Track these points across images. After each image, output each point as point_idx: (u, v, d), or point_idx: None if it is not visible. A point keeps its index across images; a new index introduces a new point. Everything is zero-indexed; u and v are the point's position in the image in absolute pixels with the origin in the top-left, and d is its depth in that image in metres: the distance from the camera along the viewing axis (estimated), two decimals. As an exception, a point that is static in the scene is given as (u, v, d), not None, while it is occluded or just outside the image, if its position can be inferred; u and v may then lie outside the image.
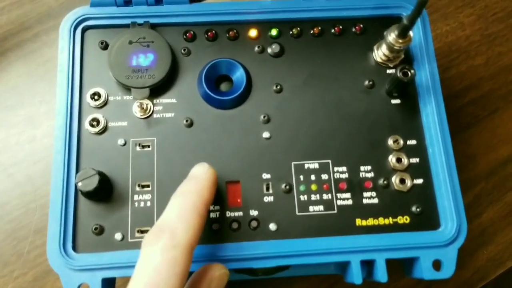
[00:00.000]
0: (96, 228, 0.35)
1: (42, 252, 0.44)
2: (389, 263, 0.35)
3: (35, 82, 0.50)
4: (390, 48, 0.38)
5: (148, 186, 0.36)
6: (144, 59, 0.38)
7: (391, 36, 0.38)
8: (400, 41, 0.38)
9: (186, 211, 0.30)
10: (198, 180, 0.33)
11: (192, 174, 0.34)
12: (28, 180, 0.46)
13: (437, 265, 0.35)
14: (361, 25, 0.41)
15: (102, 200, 0.35)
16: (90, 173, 0.34)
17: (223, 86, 0.40)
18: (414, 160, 0.38)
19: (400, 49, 0.38)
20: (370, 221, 0.36)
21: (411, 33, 0.37)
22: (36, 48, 0.51)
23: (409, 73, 0.37)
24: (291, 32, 0.41)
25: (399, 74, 0.37)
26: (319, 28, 0.41)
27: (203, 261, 0.34)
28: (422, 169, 0.38)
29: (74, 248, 0.34)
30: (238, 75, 0.39)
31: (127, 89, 0.38)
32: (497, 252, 0.46)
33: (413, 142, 0.38)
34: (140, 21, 0.39)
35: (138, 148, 0.37)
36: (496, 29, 0.55)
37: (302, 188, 0.37)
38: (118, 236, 0.35)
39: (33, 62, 0.51)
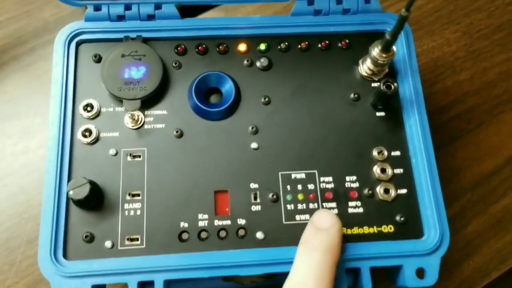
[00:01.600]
0: (86, 236, 0.35)
1: (34, 262, 0.44)
2: (375, 271, 0.36)
3: (31, 94, 0.51)
4: (375, 62, 0.40)
5: (138, 195, 0.37)
6: (136, 72, 0.39)
7: (375, 50, 0.39)
8: (384, 55, 0.39)
9: (322, 274, 0.31)
10: (330, 235, 0.33)
11: (319, 223, 0.34)
12: (22, 190, 0.47)
13: (420, 273, 0.36)
14: (347, 40, 0.42)
15: (93, 208, 0.36)
16: (82, 182, 0.34)
17: (213, 98, 0.41)
18: (398, 170, 0.39)
19: (384, 63, 0.40)
20: (355, 230, 0.37)
21: (394, 47, 0.39)
22: (32, 61, 0.53)
23: (392, 86, 0.38)
24: (279, 47, 0.42)
25: (382, 87, 0.38)
26: (306, 43, 0.42)
27: (191, 269, 0.35)
28: (406, 180, 0.39)
29: (65, 255, 0.35)
30: (227, 87, 0.40)
31: (119, 100, 0.39)
32: (482, 263, 0.47)
33: (397, 153, 0.39)
34: (133, 35, 0.41)
35: (129, 158, 0.38)
36: (480, 45, 0.56)
37: (289, 197, 0.37)
38: (108, 243, 0.35)
39: (29, 75, 0.52)
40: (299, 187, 0.38)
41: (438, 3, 0.58)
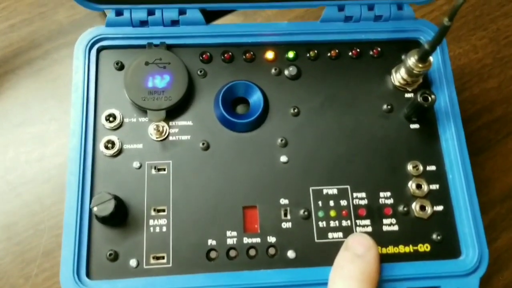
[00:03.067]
0: (110, 254, 0.34)
1: (50, 276, 0.43)
2: (410, 291, 0.35)
3: (45, 99, 0.49)
4: (409, 72, 0.38)
5: (163, 210, 0.35)
6: (160, 81, 0.38)
7: (411, 60, 0.37)
8: (420, 65, 0.37)
9: None
10: (367, 263, 0.32)
11: (355, 248, 0.33)
12: (37, 200, 0.45)
13: (458, 294, 0.35)
14: (379, 48, 0.41)
15: (117, 224, 0.35)
16: (106, 198, 0.33)
17: (240, 108, 0.39)
18: (434, 186, 0.37)
19: (419, 74, 0.38)
20: (390, 249, 0.35)
21: (431, 58, 0.37)
22: (46, 65, 0.51)
23: (429, 98, 0.36)
24: (308, 55, 0.40)
25: (419, 99, 0.36)
26: (336, 51, 0.40)
27: (220, 290, 0.33)
28: (442, 196, 0.37)
29: (88, 275, 0.33)
30: (255, 98, 0.38)
31: (143, 111, 0.37)
32: (512, 278, 0.45)
33: (433, 168, 0.38)
34: (157, 42, 0.39)
35: (153, 171, 0.37)
36: (508, 52, 0.55)
37: (320, 214, 0.36)
38: (133, 262, 0.34)
39: (43, 79, 0.50)
40: (331, 203, 0.36)
41: (464, 8, 0.56)
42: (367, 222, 0.36)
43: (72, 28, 0.52)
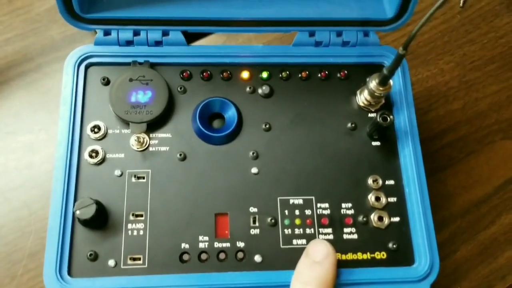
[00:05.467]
0: (91, 255, 0.36)
1: (35, 275, 0.45)
2: (366, 296, 0.38)
3: (36, 110, 0.52)
4: (371, 94, 0.41)
5: (141, 215, 0.38)
6: (143, 96, 0.41)
7: (373, 83, 0.41)
8: (381, 88, 0.41)
9: None
10: (324, 269, 0.34)
11: (314, 255, 0.36)
12: (25, 205, 0.48)
13: (411, 299, 0.38)
14: (346, 71, 0.44)
15: (98, 227, 0.37)
16: (88, 202, 0.36)
17: (216, 123, 0.43)
18: (392, 199, 0.40)
19: (381, 96, 0.41)
20: (350, 256, 0.38)
21: (391, 81, 0.41)
22: (38, 78, 0.54)
23: (388, 118, 0.40)
24: (280, 75, 0.44)
25: (379, 119, 0.40)
26: (307, 72, 0.44)
27: (190, 290, 0.36)
28: (399, 208, 0.40)
29: (70, 272, 0.36)
30: (230, 113, 0.42)
31: (126, 123, 0.40)
32: (470, 288, 0.49)
33: (391, 182, 0.41)
34: (141, 60, 0.42)
35: (133, 179, 0.39)
36: (473, 76, 0.58)
37: (286, 222, 0.39)
38: (111, 262, 0.37)
39: (34, 91, 0.53)
40: (297, 212, 0.39)
41: (433, 34, 0.60)
42: (329, 230, 0.39)
43: (64, 43, 0.55)
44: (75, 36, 0.56)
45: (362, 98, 0.43)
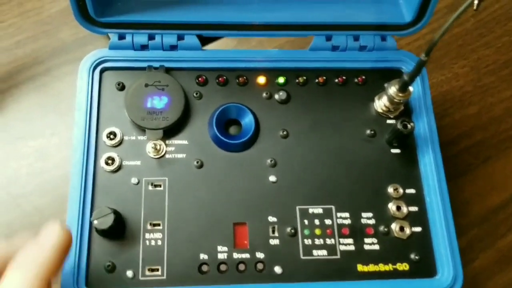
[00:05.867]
0: (108, 266, 0.36)
1: (47, 284, 0.44)
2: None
3: (47, 114, 0.51)
4: (391, 100, 0.41)
5: (159, 225, 0.38)
6: (158, 102, 0.40)
7: (392, 89, 0.40)
8: (400, 94, 0.40)
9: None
10: (42, 249, 0.30)
11: (39, 236, 0.31)
12: (36, 211, 0.47)
13: (433, 311, 0.37)
14: (363, 77, 0.43)
15: (115, 237, 0.37)
16: (106, 212, 0.35)
17: (232, 129, 0.42)
18: (413, 208, 0.40)
19: (400, 102, 0.41)
20: (371, 267, 0.38)
21: (411, 88, 0.40)
22: (48, 81, 0.53)
23: (408, 125, 0.39)
24: (297, 80, 0.43)
25: (399, 126, 0.39)
26: (324, 77, 0.43)
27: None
28: (421, 218, 0.40)
29: (87, 284, 0.35)
30: (247, 120, 0.41)
31: (142, 129, 0.40)
32: (488, 297, 0.48)
33: (412, 191, 0.40)
34: (156, 65, 0.42)
35: (150, 187, 0.39)
36: (487, 80, 0.58)
37: (306, 232, 0.38)
38: (129, 273, 0.36)
39: (44, 94, 0.52)
40: (317, 222, 0.39)
41: (447, 37, 0.59)
42: (350, 241, 0.38)
43: (75, 46, 0.55)
44: (86, 39, 0.55)
45: (380, 104, 0.42)
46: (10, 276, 0.28)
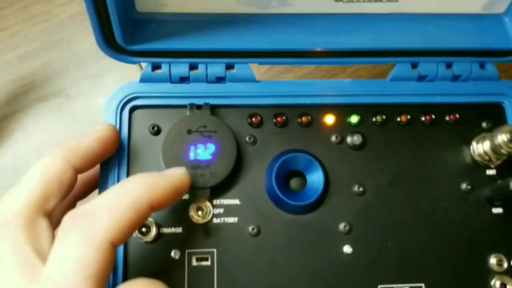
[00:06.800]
0: None
1: None
2: None
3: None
4: (496, 149, 0.32)
5: (208, 313, 0.30)
6: (203, 152, 0.32)
7: (502, 137, 0.32)
8: (511, 145, 0.32)
9: (121, 202, 0.25)
10: (162, 177, 0.27)
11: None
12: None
13: None
14: (457, 115, 0.35)
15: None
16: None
17: (294, 182, 0.34)
18: (519, 285, 0.32)
19: (507, 154, 0.32)
20: None
21: (526, 139, 0.31)
22: (62, 103, 0.45)
23: (523, 189, 0.31)
24: (374, 119, 0.35)
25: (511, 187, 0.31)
26: (408, 115, 0.35)
27: None
28: (529, 297, 0.32)
29: None
30: (315, 176, 0.33)
31: (184, 189, 0.31)
32: None
33: (518, 262, 0.32)
34: (199, 102, 0.33)
35: (195, 262, 0.31)
36: None
37: (392, 320, 0.31)
38: None
39: (58, 119, 0.45)
40: (403, 305, 0.31)
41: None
42: (446, 330, 0.31)
43: (92, 60, 0.46)
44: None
45: (479, 150, 0.34)
46: (113, 188, 0.26)
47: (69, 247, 0.23)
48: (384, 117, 0.34)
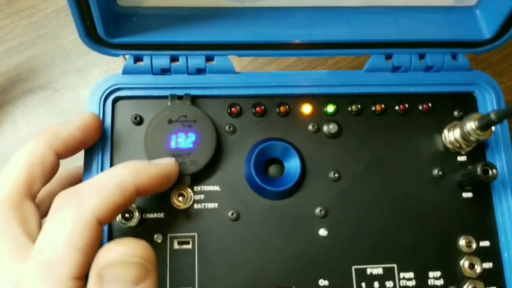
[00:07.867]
0: None
1: None
2: None
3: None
4: (465, 137, 0.34)
5: (189, 294, 0.31)
6: (184, 140, 0.33)
7: (470, 125, 0.33)
8: (479, 133, 0.33)
9: (109, 183, 0.27)
10: (150, 165, 0.29)
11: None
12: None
13: None
14: (429, 103, 0.36)
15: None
16: None
17: (272, 170, 0.35)
18: (487, 265, 0.34)
19: (476, 141, 0.34)
20: None
21: (493, 127, 0.33)
22: (48, 96, 0.46)
23: (490, 172, 0.32)
24: (350, 109, 0.36)
25: (479, 171, 0.32)
26: (382, 105, 0.36)
27: None
28: (496, 277, 0.33)
29: None
30: (293, 163, 0.34)
31: (165, 176, 0.33)
32: None
33: (486, 243, 0.34)
34: (180, 92, 0.34)
35: (176, 246, 0.32)
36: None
37: (365, 298, 0.32)
38: None
39: (45, 112, 0.45)
40: (376, 285, 0.33)
41: (505, 37, 0.52)
42: (416, 307, 0.32)
43: (77, 53, 0.47)
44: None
45: (451, 138, 0.35)
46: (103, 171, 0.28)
47: (59, 222, 0.25)
48: (359, 106, 0.36)
